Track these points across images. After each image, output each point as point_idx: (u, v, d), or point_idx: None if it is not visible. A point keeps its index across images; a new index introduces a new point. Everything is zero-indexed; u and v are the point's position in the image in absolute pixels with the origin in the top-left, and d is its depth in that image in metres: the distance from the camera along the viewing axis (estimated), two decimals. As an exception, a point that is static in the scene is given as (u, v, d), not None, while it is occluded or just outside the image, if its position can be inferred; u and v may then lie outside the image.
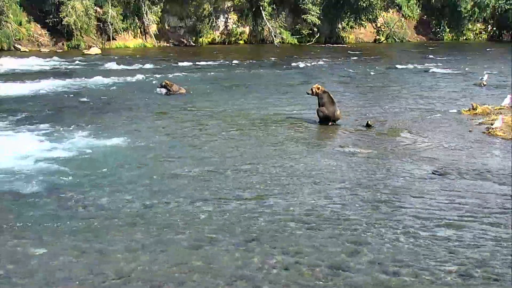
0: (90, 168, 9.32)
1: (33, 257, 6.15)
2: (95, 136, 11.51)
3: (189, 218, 7.27)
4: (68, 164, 9.47)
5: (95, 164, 9.53)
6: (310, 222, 7.20)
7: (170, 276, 5.78)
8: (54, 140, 11.07)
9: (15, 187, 8.32)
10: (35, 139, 11.13)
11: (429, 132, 12.53)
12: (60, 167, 9.30)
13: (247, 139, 11.67)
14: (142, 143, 11.10)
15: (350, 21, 41.12)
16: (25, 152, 10.08)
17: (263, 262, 6.07)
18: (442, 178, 9.10)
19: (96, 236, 6.68)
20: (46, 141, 10.97)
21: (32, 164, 9.37)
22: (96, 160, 9.80)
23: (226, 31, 38.23)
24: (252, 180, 8.87)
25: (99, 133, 11.84)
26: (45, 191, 8.17)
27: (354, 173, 9.37)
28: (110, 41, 33.33)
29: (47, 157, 9.83)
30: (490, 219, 7.38)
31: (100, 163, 9.63)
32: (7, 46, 29.40)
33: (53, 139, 11.21)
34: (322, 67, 26.52)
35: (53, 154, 10.01)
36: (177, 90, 17.44)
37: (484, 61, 29.89)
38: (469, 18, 45.46)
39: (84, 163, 9.61)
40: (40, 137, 11.30)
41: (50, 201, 7.78)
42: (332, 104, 13.12)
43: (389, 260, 6.15)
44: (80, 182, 8.59)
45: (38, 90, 17.71)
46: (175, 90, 17.40)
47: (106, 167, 9.36)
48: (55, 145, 10.71)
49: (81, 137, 11.39)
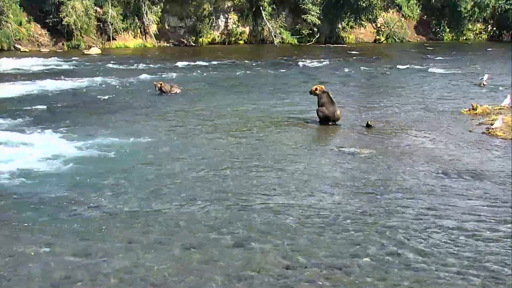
0: (90, 168, 9.32)
1: (33, 257, 6.15)
2: (94, 136, 11.50)
3: (189, 218, 7.27)
4: (67, 164, 9.46)
5: (94, 164, 9.53)
6: (310, 222, 7.20)
7: (170, 276, 5.78)
8: (53, 140, 11.07)
9: (15, 187, 8.32)
10: (35, 139, 11.11)
11: (429, 132, 12.52)
12: (59, 167, 9.31)
13: (247, 139, 11.67)
14: (141, 143, 11.09)
15: (350, 21, 41.12)
16: (24, 152, 10.09)
17: (263, 262, 6.07)
18: (442, 178, 9.09)
19: (96, 236, 6.68)
20: (45, 141, 10.96)
21: (31, 164, 9.36)
22: (96, 160, 9.80)
23: (226, 31, 38.23)
24: (251, 180, 8.87)
25: (98, 133, 11.82)
26: (44, 191, 8.17)
27: (354, 173, 9.37)
28: (110, 41, 33.33)
29: (47, 157, 9.82)
30: (490, 219, 7.39)
31: (99, 163, 9.63)
32: (7, 46, 29.41)
33: (52, 139, 11.21)
34: (322, 67, 26.52)
35: (52, 154, 9.99)
36: (169, 90, 17.35)
37: (484, 61, 29.88)
38: (469, 18, 45.44)
39: (83, 163, 9.60)
40: (40, 137, 11.29)
41: (50, 201, 7.78)
42: (332, 104, 13.12)
43: (389, 260, 6.15)
44: (79, 182, 8.58)
45: (38, 90, 17.71)
46: (167, 90, 17.33)
47: (106, 167, 9.36)
48: (54, 145, 10.70)
49: (81, 137, 11.37)
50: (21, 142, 10.91)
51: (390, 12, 44.37)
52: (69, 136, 11.52)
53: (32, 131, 11.89)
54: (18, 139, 11.15)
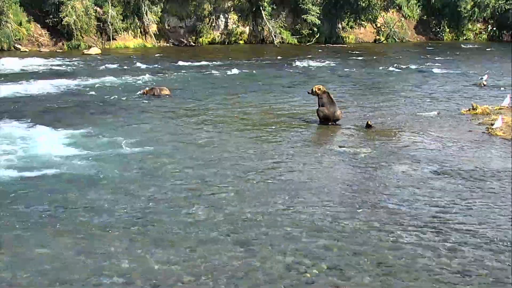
0: (89, 168, 9.32)
1: (33, 257, 6.15)
2: (94, 136, 11.51)
3: (189, 218, 7.28)
4: (67, 163, 9.47)
5: (94, 164, 9.53)
6: (310, 222, 7.20)
7: (170, 276, 5.78)
8: (53, 140, 11.06)
9: (14, 187, 8.32)
10: (34, 139, 11.12)
11: (429, 132, 12.52)
12: (59, 166, 9.31)
13: (247, 139, 11.67)
14: (141, 143, 11.09)
15: (350, 21, 41.09)
16: (23, 152, 10.09)
17: (263, 262, 6.07)
18: (442, 178, 9.10)
19: (96, 236, 6.68)
20: (45, 141, 10.96)
21: (31, 164, 9.37)
22: (96, 160, 9.79)
23: (226, 31, 38.20)
24: (251, 180, 8.87)
25: (98, 133, 11.83)
26: (44, 191, 8.17)
27: (354, 173, 9.37)
28: (110, 41, 33.29)
29: (46, 157, 9.83)
30: (490, 219, 7.39)
31: (99, 163, 9.63)
32: (7, 46, 29.36)
33: (52, 139, 11.21)
34: (322, 67, 26.50)
35: (52, 154, 10.00)
36: (159, 93, 17.18)
37: (484, 61, 29.87)
38: (469, 18, 45.41)
39: (83, 163, 9.60)
40: (39, 137, 11.28)
41: (50, 201, 7.78)
42: (332, 104, 13.13)
43: (390, 261, 6.16)
44: (79, 182, 8.59)
45: (38, 90, 17.68)
46: (157, 93, 17.16)
47: (105, 167, 9.36)
48: (53, 145, 10.70)
49: (81, 137, 11.39)
50: (21, 142, 10.91)
51: (390, 12, 44.31)
52: (69, 136, 11.52)
53: (31, 131, 11.89)
54: (17, 139, 11.15)
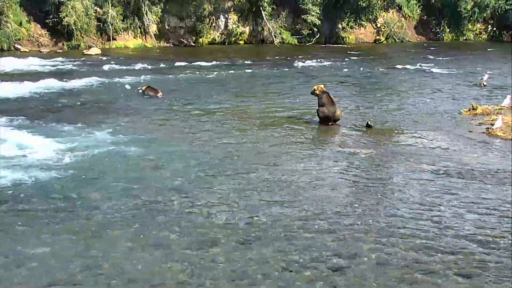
0: (89, 168, 9.32)
1: (33, 257, 6.15)
2: (94, 136, 11.50)
3: (190, 218, 7.28)
4: (66, 164, 9.47)
5: (94, 164, 9.53)
6: (310, 222, 7.20)
7: (170, 276, 5.78)
8: (53, 140, 11.06)
9: (14, 186, 8.32)
10: (34, 139, 11.10)
11: (429, 132, 12.53)
12: (59, 166, 9.30)
13: (247, 140, 11.67)
14: (141, 143, 11.09)
15: (350, 21, 41.07)
16: (23, 152, 10.08)
17: (263, 263, 6.07)
18: (442, 178, 9.09)
19: (96, 236, 6.68)
20: (45, 141, 10.96)
21: (30, 164, 9.37)
22: (96, 160, 9.79)
23: (226, 31, 38.19)
24: (252, 181, 8.87)
25: (98, 133, 11.82)
26: (44, 190, 8.17)
27: (354, 174, 9.37)
28: (110, 41, 33.27)
29: (46, 156, 9.82)
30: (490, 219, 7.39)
31: (99, 163, 9.63)
32: (7, 46, 29.35)
33: (52, 139, 11.20)
34: (322, 67, 26.50)
35: (51, 154, 10.00)
36: (153, 94, 17.15)
37: (484, 61, 29.86)
38: (469, 18, 45.39)
39: (83, 163, 9.60)
40: (39, 137, 11.27)
41: (50, 201, 7.78)
42: (332, 105, 13.13)
43: (389, 261, 6.15)
44: (79, 182, 8.59)
45: (38, 90, 17.66)
46: (152, 94, 17.13)
47: (105, 167, 9.36)
48: (53, 145, 10.69)
49: (80, 137, 11.38)
50: (21, 142, 10.89)
51: (390, 12, 44.31)
52: (68, 136, 11.52)
53: (31, 131, 11.86)
54: (17, 139, 11.14)
